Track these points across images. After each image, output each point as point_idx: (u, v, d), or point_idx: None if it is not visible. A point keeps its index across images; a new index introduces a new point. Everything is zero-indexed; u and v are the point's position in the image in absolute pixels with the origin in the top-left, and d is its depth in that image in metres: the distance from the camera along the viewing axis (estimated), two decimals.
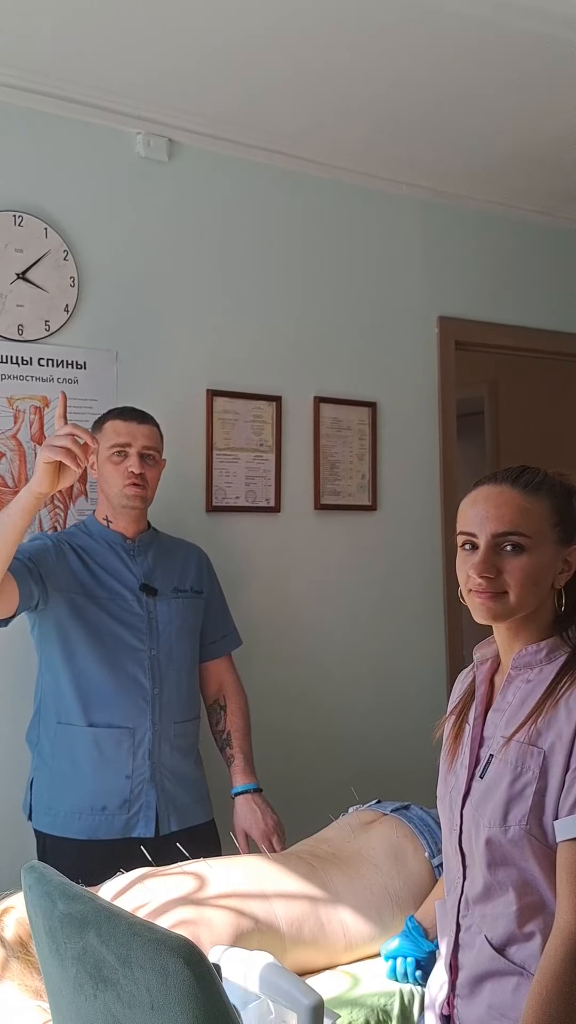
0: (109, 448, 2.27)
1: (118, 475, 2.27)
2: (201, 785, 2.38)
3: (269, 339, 2.98)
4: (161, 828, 2.23)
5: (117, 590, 2.27)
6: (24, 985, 1.60)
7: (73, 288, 2.61)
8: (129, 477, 2.25)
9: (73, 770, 2.20)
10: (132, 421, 2.29)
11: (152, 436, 2.31)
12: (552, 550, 1.42)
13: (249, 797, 2.36)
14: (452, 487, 3.34)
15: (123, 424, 2.29)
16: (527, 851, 1.35)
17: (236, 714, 2.47)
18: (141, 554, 2.33)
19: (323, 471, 3.07)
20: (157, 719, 2.24)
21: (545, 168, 3.18)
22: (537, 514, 1.41)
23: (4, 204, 2.52)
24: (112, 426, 2.29)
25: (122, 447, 2.27)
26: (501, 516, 1.41)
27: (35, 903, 1.19)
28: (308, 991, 1.27)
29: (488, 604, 1.41)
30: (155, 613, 2.29)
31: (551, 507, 1.42)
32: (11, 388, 2.51)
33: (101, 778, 2.19)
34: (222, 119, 2.79)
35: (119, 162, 2.72)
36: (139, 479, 2.26)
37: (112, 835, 2.18)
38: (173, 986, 1.00)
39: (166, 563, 2.37)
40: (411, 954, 1.76)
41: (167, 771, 2.26)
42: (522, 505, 1.41)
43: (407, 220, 3.29)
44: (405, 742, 3.11)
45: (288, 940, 1.79)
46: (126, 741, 2.21)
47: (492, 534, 1.41)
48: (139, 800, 2.21)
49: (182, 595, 2.36)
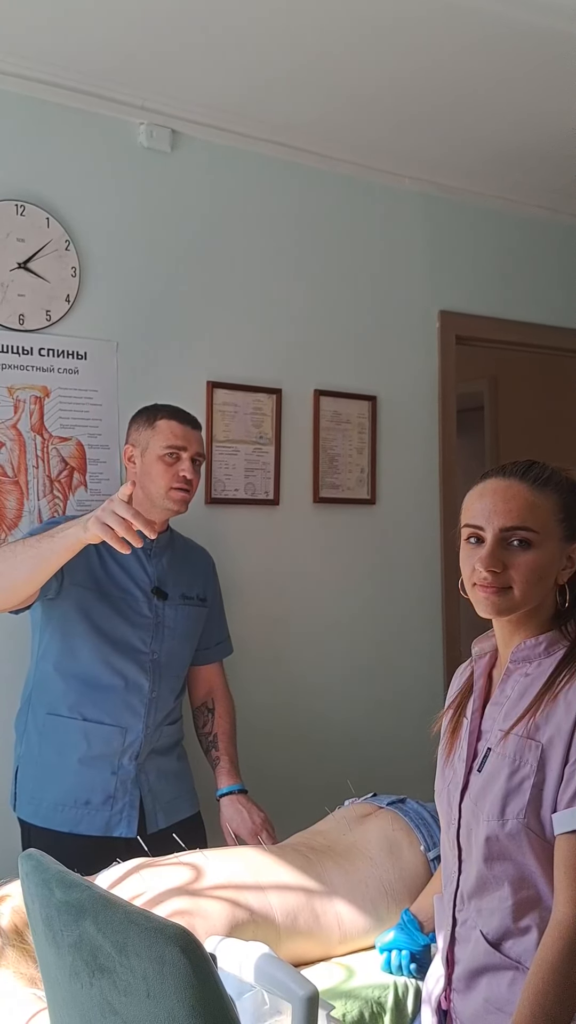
0: (164, 448, 2.26)
1: (168, 476, 2.25)
2: (186, 777, 2.40)
3: (270, 331, 2.98)
4: (148, 826, 2.23)
5: (130, 589, 2.26)
6: (19, 973, 1.61)
7: (74, 278, 2.60)
8: (180, 481, 2.25)
9: (59, 761, 2.20)
10: (187, 425, 2.29)
11: (202, 443, 2.34)
12: (557, 546, 1.42)
13: (234, 798, 2.37)
14: (451, 482, 3.34)
15: (180, 427, 2.28)
16: (524, 845, 1.35)
17: (224, 717, 2.48)
18: (158, 556, 2.33)
19: (322, 464, 3.07)
20: (150, 721, 2.25)
21: (548, 163, 3.18)
22: (544, 510, 1.41)
23: (6, 193, 2.51)
24: (168, 426, 2.28)
25: (177, 450, 2.26)
26: (509, 510, 1.40)
27: (32, 891, 1.20)
28: (303, 982, 1.27)
29: (492, 599, 1.40)
30: (163, 617, 2.29)
31: (558, 503, 1.42)
32: (11, 378, 2.51)
33: (87, 771, 2.19)
34: (226, 110, 2.78)
35: (122, 152, 2.71)
36: (188, 484, 2.26)
37: (93, 831, 2.18)
38: (169, 974, 1.00)
39: (179, 568, 2.38)
40: (406, 947, 1.77)
41: (153, 769, 2.27)
42: (530, 500, 1.41)
43: (409, 214, 3.29)
44: (401, 735, 3.11)
45: (283, 931, 1.80)
46: (116, 739, 2.21)
47: (500, 528, 1.40)
48: (123, 798, 2.21)
49: (188, 603, 2.36)
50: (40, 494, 2.54)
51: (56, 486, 2.56)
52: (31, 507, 2.53)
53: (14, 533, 2.49)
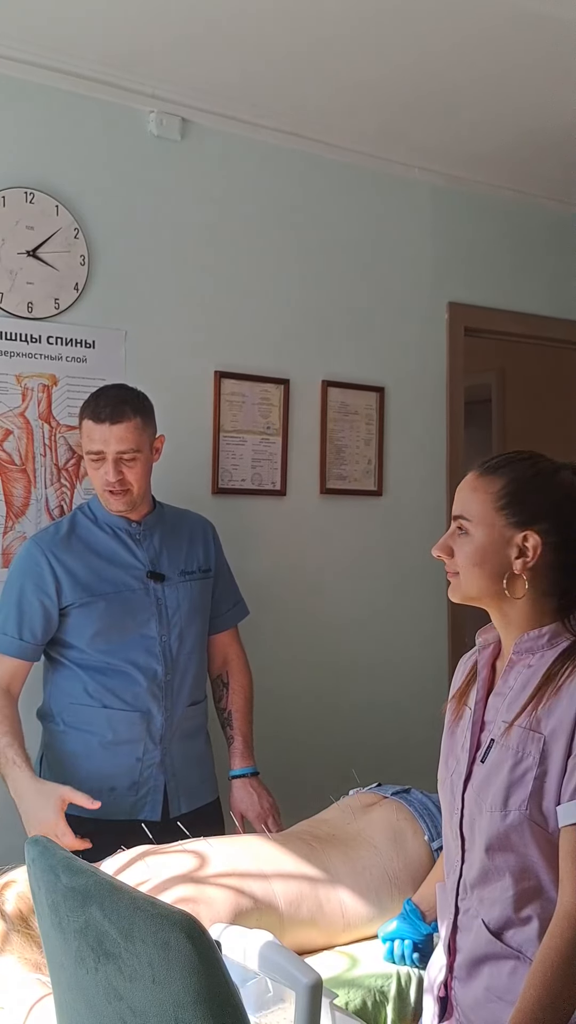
0: (86, 452, 2.20)
1: (97, 479, 2.20)
2: (208, 763, 2.39)
3: (278, 321, 2.97)
4: (171, 811, 2.24)
5: (124, 581, 2.22)
6: (24, 959, 1.61)
7: (83, 266, 2.60)
8: (108, 484, 2.17)
9: (84, 749, 2.20)
10: (104, 423, 2.14)
11: (128, 436, 2.15)
12: (498, 532, 1.42)
13: (246, 780, 2.37)
14: (458, 474, 3.34)
15: (96, 428, 2.15)
16: (527, 836, 1.35)
17: (238, 693, 2.45)
18: (147, 538, 2.28)
19: (329, 455, 3.07)
20: (169, 705, 2.24)
21: (559, 155, 3.16)
22: (482, 497, 1.44)
23: (16, 181, 2.51)
24: (86, 429, 2.18)
25: (96, 454, 2.17)
26: (459, 500, 1.48)
27: (38, 876, 1.20)
28: (307, 970, 1.27)
29: (450, 583, 1.49)
30: (164, 600, 2.26)
31: (502, 489, 1.43)
32: (20, 366, 2.51)
33: (111, 758, 2.19)
34: (236, 98, 2.77)
35: (132, 140, 2.70)
36: (116, 486, 2.17)
37: (119, 816, 2.17)
38: (175, 960, 1.00)
39: (173, 544, 2.33)
40: (409, 936, 1.77)
41: (177, 754, 2.27)
42: (473, 487, 1.47)
43: (419, 205, 3.28)
44: (407, 726, 3.12)
45: (286, 919, 1.80)
46: (139, 724, 2.21)
47: (453, 516, 1.48)
48: (148, 783, 2.22)
49: (190, 577, 2.32)
50: (47, 482, 2.54)
51: (64, 474, 2.56)
52: (38, 495, 2.53)
53: (21, 521, 2.50)
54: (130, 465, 2.17)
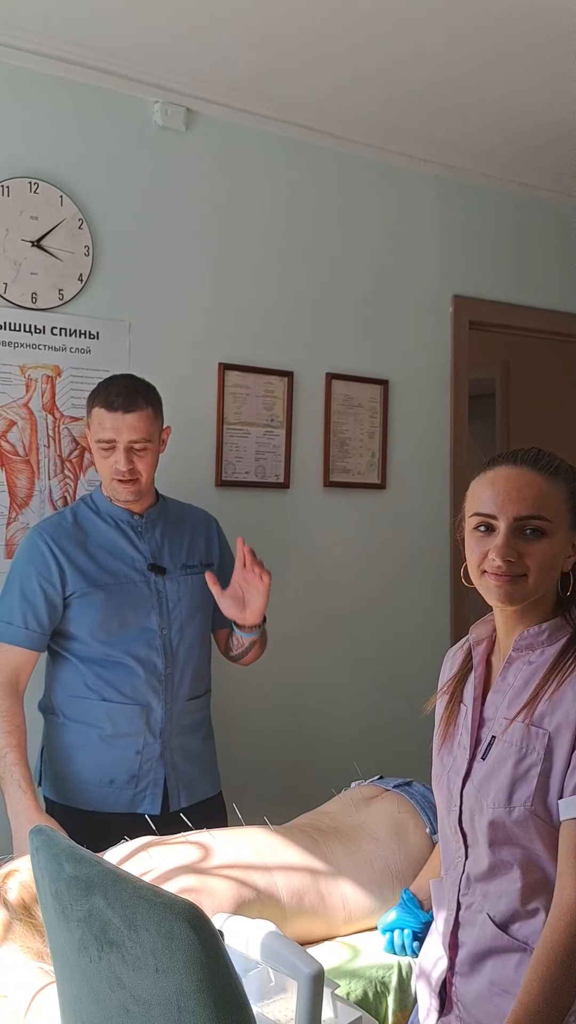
0: (95, 440, 2.19)
1: (105, 468, 2.20)
2: (210, 758, 2.39)
3: (282, 314, 2.97)
4: (171, 804, 2.24)
5: (125, 573, 2.22)
6: (27, 947, 1.61)
7: (87, 257, 2.60)
8: (117, 474, 2.18)
9: (84, 742, 2.21)
10: (117, 411, 2.14)
11: (140, 425, 2.16)
12: (566, 535, 1.42)
13: None
14: (462, 468, 3.34)
15: (108, 416, 2.15)
16: (531, 831, 1.35)
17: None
18: (149, 531, 2.28)
19: (333, 448, 3.06)
20: (170, 698, 2.24)
21: (566, 148, 3.15)
22: (556, 498, 1.41)
23: (20, 171, 2.51)
24: (97, 416, 2.18)
25: (106, 443, 2.17)
26: (524, 499, 1.39)
27: (42, 865, 1.20)
28: (309, 960, 1.27)
29: (506, 587, 1.40)
30: (164, 593, 2.25)
31: (567, 491, 1.42)
32: (24, 356, 2.51)
33: (111, 751, 2.20)
34: (241, 89, 2.76)
35: (136, 131, 2.70)
36: (127, 474, 2.17)
37: (118, 808, 2.18)
38: (178, 949, 1.00)
39: (175, 537, 2.33)
40: (408, 926, 1.77)
41: (177, 748, 2.27)
42: (544, 488, 1.40)
43: (424, 197, 3.27)
44: (409, 718, 3.10)
45: (288, 911, 1.81)
46: (139, 718, 2.21)
47: (515, 517, 1.39)
48: (147, 776, 2.22)
49: (191, 571, 2.31)
50: (51, 473, 2.54)
51: (67, 466, 2.56)
52: (42, 486, 2.53)
53: (25, 512, 2.50)
54: (141, 455, 2.18)
